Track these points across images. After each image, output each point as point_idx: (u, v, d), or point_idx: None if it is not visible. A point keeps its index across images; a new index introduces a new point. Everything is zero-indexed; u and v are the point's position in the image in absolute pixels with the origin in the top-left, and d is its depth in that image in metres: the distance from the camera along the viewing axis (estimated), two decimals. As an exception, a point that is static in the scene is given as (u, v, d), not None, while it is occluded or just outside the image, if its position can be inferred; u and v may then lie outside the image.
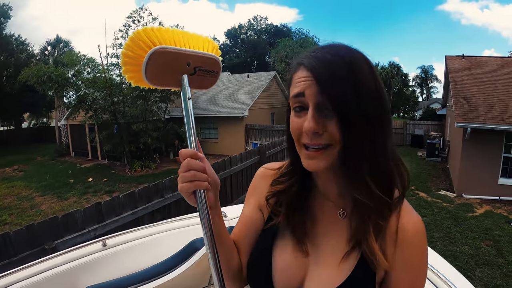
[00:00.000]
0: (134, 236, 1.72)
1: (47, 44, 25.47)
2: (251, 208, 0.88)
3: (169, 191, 4.29)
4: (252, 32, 48.67)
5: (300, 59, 0.69)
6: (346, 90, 0.61)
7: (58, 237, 2.86)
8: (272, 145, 7.85)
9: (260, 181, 0.89)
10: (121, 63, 0.76)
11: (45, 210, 8.85)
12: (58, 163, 16.39)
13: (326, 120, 0.63)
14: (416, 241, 0.69)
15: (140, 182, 11.53)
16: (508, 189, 8.71)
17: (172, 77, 0.77)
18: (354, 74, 0.62)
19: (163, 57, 0.73)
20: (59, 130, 19.88)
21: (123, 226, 3.43)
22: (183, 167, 0.69)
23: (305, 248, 0.76)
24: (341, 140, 0.63)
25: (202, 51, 0.81)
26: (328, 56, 0.64)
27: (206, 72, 0.81)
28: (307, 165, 0.68)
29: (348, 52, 0.65)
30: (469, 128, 8.63)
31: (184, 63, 0.77)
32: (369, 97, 0.63)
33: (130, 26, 15.19)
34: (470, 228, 6.65)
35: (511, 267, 5.10)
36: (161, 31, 0.76)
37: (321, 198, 0.78)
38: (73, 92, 13.63)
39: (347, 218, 0.74)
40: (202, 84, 0.82)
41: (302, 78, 0.65)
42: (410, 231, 0.69)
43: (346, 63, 0.63)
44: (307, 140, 0.65)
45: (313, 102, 0.64)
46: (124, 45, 0.75)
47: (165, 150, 16.06)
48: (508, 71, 11.21)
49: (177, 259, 1.50)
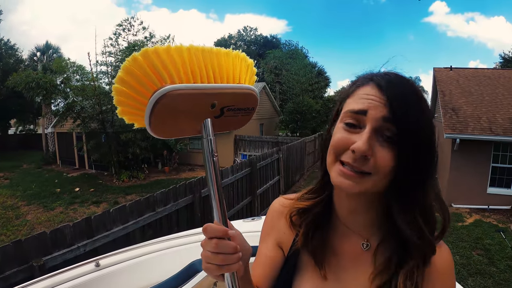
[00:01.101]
0: (129, 256, 1.66)
1: (36, 49, 25.06)
2: (270, 248, 0.83)
3: (160, 204, 4.20)
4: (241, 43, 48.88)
5: (371, 75, 0.65)
6: (416, 120, 0.58)
7: (46, 253, 2.76)
8: (263, 157, 7.82)
9: (278, 219, 0.83)
10: (114, 101, 0.55)
11: (31, 220, 8.64)
12: (45, 171, 16.05)
13: (378, 145, 0.59)
14: (446, 274, 0.66)
15: (128, 192, 11.37)
16: (496, 198, 8.82)
17: (188, 125, 0.57)
18: (424, 108, 0.61)
19: (176, 102, 0.52)
20: (46, 137, 19.52)
21: (114, 242, 3.34)
22: (211, 247, 0.58)
23: (324, 273, 0.72)
24: (394, 170, 0.59)
25: (234, 82, 0.61)
26: (401, 82, 0.62)
27: (238, 111, 0.62)
28: (339, 182, 0.62)
29: (415, 85, 0.63)
30: (458, 139, 8.74)
31: (208, 105, 0.56)
32: (429, 129, 0.61)
33: (120, 34, 15.11)
34: (461, 238, 6.70)
35: (503, 276, 5.14)
36: (170, 53, 0.53)
37: (341, 228, 0.75)
38: (61, 99, 13.45)
39: (371, 251, 0.70)
40: (230, 125, 0.64)
41: (370, 96, 0.61)
42: (439, 263, 0.65)
43: (417, 95, 0.61)
44: (349, 159, 0.60)
45: (374, 124, 0.59)
46: (116, 77, 0.53)
47: (154, 161, 15.84)
48: (495, 82, 11.43)
49: (176, 282, 1.44)
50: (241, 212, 6.46)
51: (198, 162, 16.36)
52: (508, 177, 8.86)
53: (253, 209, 7.01)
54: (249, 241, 0.68)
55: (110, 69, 14.37)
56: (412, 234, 0.62)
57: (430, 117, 0.62)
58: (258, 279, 0.80)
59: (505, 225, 7.53)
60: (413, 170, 0.59)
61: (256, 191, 7.12)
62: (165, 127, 0.56)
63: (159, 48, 0.52)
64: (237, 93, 0.59)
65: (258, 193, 7.24)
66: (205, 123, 0.58)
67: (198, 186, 4.92)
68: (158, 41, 15.92)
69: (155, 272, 1.59)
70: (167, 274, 1.51)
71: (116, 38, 14.96)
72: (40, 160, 18.57)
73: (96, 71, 14.03)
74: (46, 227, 7.80)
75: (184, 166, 15.85)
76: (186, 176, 13.84)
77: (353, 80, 0.70)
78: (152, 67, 0.51)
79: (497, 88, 10.93)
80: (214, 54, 0.58)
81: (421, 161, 0.59)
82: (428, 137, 0.60)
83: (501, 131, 8.61)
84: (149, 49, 0.52)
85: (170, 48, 0.53)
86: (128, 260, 1.62)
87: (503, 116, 9.22)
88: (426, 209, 0.63)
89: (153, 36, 15.81)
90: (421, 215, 0.62)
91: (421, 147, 0.59)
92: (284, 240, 0.81)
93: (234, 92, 0.59)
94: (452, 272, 0.67)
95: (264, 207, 7.82)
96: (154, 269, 1.62)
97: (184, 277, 1.44)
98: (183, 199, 4.61)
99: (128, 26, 15.30)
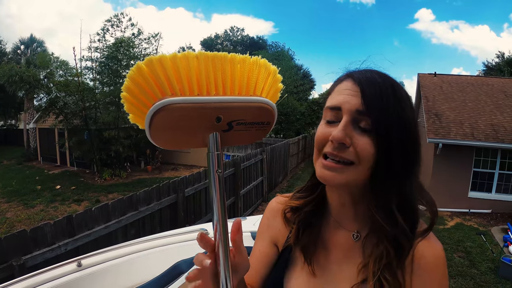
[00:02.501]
0: (112, 256, 1.62)
1: (20, 43, 24.50)
2: (265, 245, 0.85)
3: (143, 203, 4.14)
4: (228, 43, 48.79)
5: (348, 72, 0.67)
6: (390, 109, 0.59)
7: (26, 252, 2.68)
8: (247, 157, 7.79)
9: (274, 218, 0.85)
10: (124, 108, 0.53)
11: (11, 218, 8.42)
12: (25, 168, 15.69)
13: (357, 134, 0.60)
14: (435, 270, 0.65)
15: (110, 191, 11.19)
16: (477, 202, 9.03)
17: (193, 138, 0.53)
18: (399, 97, 0.62)
19: (174, 115, 0.49)
20: (27, 133, 19.09)
21: (96, 241, 3.28)
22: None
23: (312, 268, 0.73)
24: (374, 158, 0.60)
25: (247, 93, 0.55)
26: (376, 76, 0.63)
27: (250, 125, 0.56)
28: (322, 175, 0.64)
29: (394, 80, 0.65)
30: (440, 144, 8.91)
31: (212, 118, 0.52)
32: (407, 121, 0.62)
33: (108, 30, 14.90)
34: (442, 240, 6.74)
35: (483, 277, 5.23)
36: (176, 61, 0.49)
37: (334, 223, 0.75)
38: (44, 94, 13.15)
39: (361, 242, 0.71)
40: (241, 139, 0.59)
41: (347, 90, 0.63)
42: (428, 259, 0.65)
43: (391, 84, 0.62)
44: (330, 149, 0.62)
45: (349, 116, 0.61)
46: (123, 85, 0.50)
47: (136, 159, 15.64)
48: (477, 89, 11.69)
49: (160, 283, 1.42)
50: (224, 212, 6.42)
51: (182, 162, 16.24)
52: (489, 181, 9.09)
53: (236, 210, 7.00)
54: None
55: (95, 64, 14.14)
56: (388, 225, 0.63)
57: (407, 107, 0.63)
58: (251, 275, 0.81)
59: (486, 228, 7.69)
60: (393, 160, 0.60)
61: (240, 191, 7.10)
62: (167, 139, 0.53)
63: (164, 57, 0.49)
64: (247, 107, 0.54)
65: (241, 193, 7.22)
66: (210, 137, 0.53)
67: (181, 185, 4.88)
68: (146, 38, 15.77)
69: (138, 272, 1.56)
70: (150, 274, 1.48)
71: (104, 34, 14.74)
72: (21, 156, 18.16)
73: (80, 66, 13.80)
74: (26, 225, 7.61)
75: (167, 165, 15.73)
76: (169, 175, 13.71)
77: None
78: (154, 77, 0.48)
79: (480, 95, 11.20)
80: (228, 61, 0.53)
81: (400, 152, 0.60)
82: (406, 128, 0.61)
83: (482, 137, 8.81)
84: (154, 57, 0.48)
85: (176, 56, 0.50)
86: (111, 260, 1.59)
87: (484, 122, 9.44)
88: (405, 200, 0.63)
89: (141, 33, 15.64)
90: (399, 206, 0.63)
91: (399, 137, 0.60)
92: (279, 237, 0.83)
93: (242, 105, 0.53)
94: (443, 268, 0.66)
95: (247, 208, 7.81)
96: (137, 270, 1.59)
97: (169, 278, 1.42)
98: (166, 198, 4.56)
99: (117, 22, 15.10)
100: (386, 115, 0.59)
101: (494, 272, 5.35)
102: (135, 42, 15.18)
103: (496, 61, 26.71)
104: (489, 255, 5.98)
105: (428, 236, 0.67)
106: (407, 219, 0.63)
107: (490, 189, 9.11)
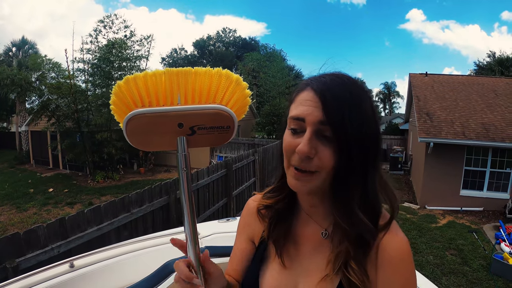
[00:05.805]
0: (104, 256, 1.63)
1: (11, 45, 24.25)
2: (242, 240, 0.91)
3: (135, 205, 4.13)
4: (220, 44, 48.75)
5: (308, 81, 0.70)
6: (351, 120, 0.62)
7: (20, 254, 2.68)
8: (239, 159, 7.78)
9: (250, 215, 0.90)
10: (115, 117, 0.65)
11: (4, 222, 8.37)
12: (18, 171, 15.57)
13: (320, 145, 0.64)
14: (399, 263, 0.66)
15: (103, 193, 11.14)
16: (469, 200, 9.13)
17: (164, 141, 0.65)
18: (359, 106, 0.64)
19: (141, 123, 0.60)
20: (19, 136, 18.92)
21: (88, 243, 3.27)
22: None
23: (282, 260, 0.77)
24: (335, 167, 0.64)
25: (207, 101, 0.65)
26: (335, 84, 0.65)
27: (211, 129, 0.66)
28: (293, 184, 0.68)
29: (353, 83, 0.67)
30: (431, 143, 8.99)
31: (174, 125, 0.62)
32: (369, 129, 0.65)
33: (100, 31, 14.82)
34: (435, 238, 6.87)
35: (476, 275, 5.29)
36: (147, 78, 0.62)
37: (305, 218, 0.79)
38: (36, 97, 13.06)
39: (329, 238, 0.74)
40: (207, 141, 0.68)
41: (308, 102, 0.66)
42: (390, 252, 0.66)
43: (352, 94, 0.65)
44: (296, 162, 0.66)
45: (312, 128, 0.64)
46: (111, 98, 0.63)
47: (129, 161, 15.55)
48: (468, 89, 11.82)
49: (150, 282, 1.43)
50: (217, 213, 6.39)
51: (174, 163, 16.09)
52: (481, 180, 9.18)
53: (228, 211, 6.98)
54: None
55: (88, 66, 14.06)
56: (349, 224, 0.66)
57: (366, 112, 0.65)
58: (234, 270, 0.88)
59: (478, 226, 7.77)
60: (353, 165, 0.63)
61: (232, 192, 7.08)
62: (142, 141, 0.64)
63: (138, 76, 0.62)
64: (204, 113, 0.63)
65: (234, 194, 7.20)
66: (178, 140, 0.64)
67: (174, 187, 4.87)
68: (138, 40, 15.71)
69: (130, 272, 1.57)
70: (142, 274, 1.49)
71: (96, 35, 14.65)
72: (13, 160, 18.03)
73: (73, 68, 13.70)
74: (19, 228, 7.56)
75: (160, 167, 15.66)
76: (161, 177, 13.67)
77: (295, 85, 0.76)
78: (130, 92, 0.61)
79: (471, 94, 11.32)
80: (191, 74, 0.64)
81: (361, 157, 0.64)
82: (366, 132, 0.64)
83: (473, 136, 8.90)
84: (130, 77, 0.61)
85: (147, 74, 0.62)
86: (103, 261, 1.60)
87: (476, 121, 9.55)
88: (367, 199, 0.67)
89: (134, 35, 15.57)
90: (360, 205, 0.66)
91: (359, 144, 0.63)
92: (255, 234, 0.88)
93: (199, 113, 0.63)
94: (407, 261, 0.67)
95: (239, 209, 7.78)
96: (129, 270, 1.60)
97: (159, 277, 1.43)
98: (158, 200, 4.55)
99: (110, 23, 15.02)
100: (346, 123, 0.62)
101: (486, 269, 5.41)
102: (128, 43, 15.11)
103: (487, 61, 26.96)
104: (481, 253, 6.04)
105: (393, 229, 0.68)
106: (368, 216, 0.67)
107: (482, 187, 9.20)
